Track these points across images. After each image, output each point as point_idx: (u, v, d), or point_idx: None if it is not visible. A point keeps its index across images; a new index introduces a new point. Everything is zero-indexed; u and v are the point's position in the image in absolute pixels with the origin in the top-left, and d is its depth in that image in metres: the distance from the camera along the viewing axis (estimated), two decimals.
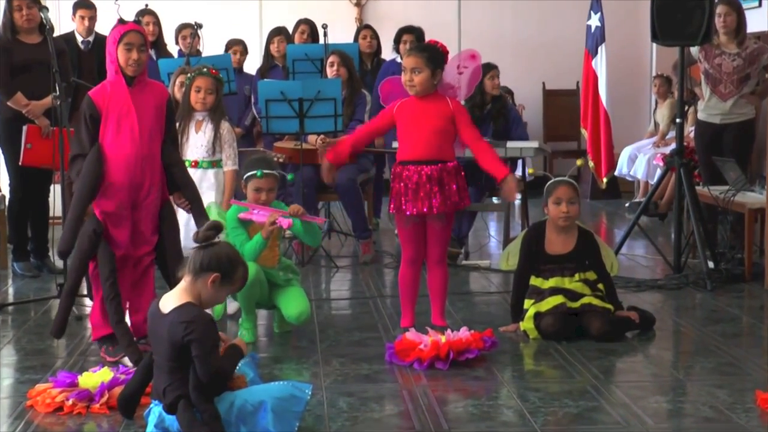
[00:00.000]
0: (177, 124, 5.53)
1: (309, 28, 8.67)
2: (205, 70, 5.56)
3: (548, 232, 5.13)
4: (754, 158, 7.41)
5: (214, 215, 5.15)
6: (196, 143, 5.56)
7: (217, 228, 3.68)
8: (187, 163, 5.51)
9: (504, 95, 7.45)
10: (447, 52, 4.95)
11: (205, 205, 5.39)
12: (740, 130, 7.02)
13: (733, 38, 6.92)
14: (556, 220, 5.08)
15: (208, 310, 3.72)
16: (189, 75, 5.58)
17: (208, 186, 5.55)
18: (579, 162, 5.36)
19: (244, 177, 5.12)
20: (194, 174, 5.53)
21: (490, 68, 7.08)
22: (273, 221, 4.94)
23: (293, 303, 5.02)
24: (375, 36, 8.55)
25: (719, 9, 6.86)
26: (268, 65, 8.42)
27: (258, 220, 4.99)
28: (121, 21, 4.78)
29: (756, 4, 8.79)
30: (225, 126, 5.64)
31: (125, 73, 4.62)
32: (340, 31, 9.18)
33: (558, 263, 5.07)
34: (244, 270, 3.74)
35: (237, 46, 8.53)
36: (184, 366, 3.53)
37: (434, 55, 4.86)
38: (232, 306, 5.42)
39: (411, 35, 7.94)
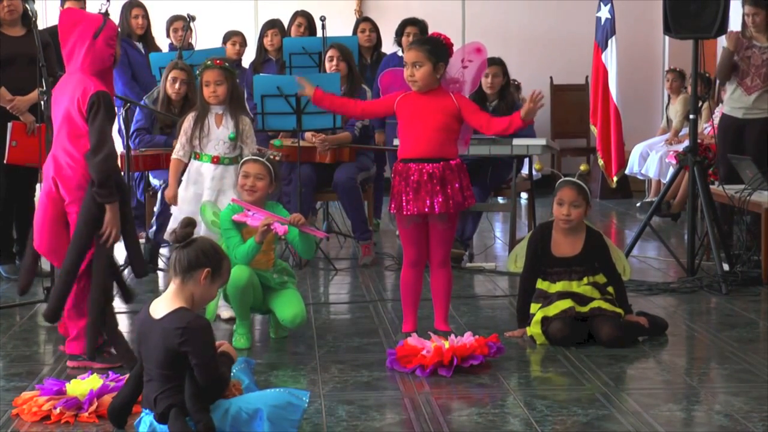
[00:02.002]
0: (192, 119, 5.61)
1: (306, 20, 8.67)
2: (209, 62, 5.61)
3: (555, 234, 5.13)
4: None
5: (209, 215, 5.16)
6: (217, 138, 5.61)
7: (194, 224, 3.69)
8: (207, 159, 5.60)
9: (511, 92, 7.41)
10: (451, 45, 4.94)
11: (200, 204, 5.42)
12: (763, 127, 7.03)
13: (764, 32, 6.96)
14: (557, 221, 5.09)
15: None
16: (198, 72, 5.65)
17: (230, 183, 5.57)
18: (583, 167, 5.31)
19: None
20: (215, 170, 5.60)
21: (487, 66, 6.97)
22: (267, 225, 4.94)
23: (288, 306, 5.02)
24: (374, 29, 8.54)
25: (746, 9, 6.96)
26: (262, 59, 8.41)
27: (253, 224, 4.98)
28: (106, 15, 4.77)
29: None
30: (246, 121, 5.71)
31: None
32: (339, 24, 9.18)
33: (565, 266, 5.08)
34: (228, 262, 3.77)
35: (236, 37, 8.51)
36: (177, 374, 3.54)
37: (436, 48, 4.86)
38: (226, 311, 5.42)
39: (415, 27, 7.93)
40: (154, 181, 7.08)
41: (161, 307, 3.62)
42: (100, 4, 5.12)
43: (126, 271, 5.50)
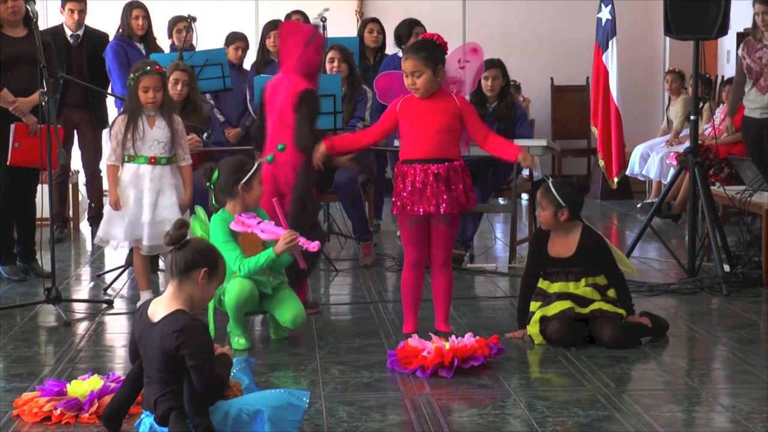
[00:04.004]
0: (123, 122, 5.57)
1: (303, 17, 8.68)
2: (148, 68, 5.54)
3: (552, 234, 5.13)
4: None
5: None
6: (152, 139, 5.56)
7: (187, 225, 3.68)
8: (143, 160, 5.56)
9: (511, 93, 7.40)
10: (445, 44, 4.92)
11: (142, 206, 5.44)
12: None
13: None
14: None
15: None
16: (132, 76, 5.56)
17: (168, 184, 5.58)
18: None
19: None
20: (153, 171, 5.56)
21: (485, 68, 6.96)
22: (293, 240, 4.82)
23: (287, 308, 5.00)
24: (382, 30, 8.54)
25: (756, 8, 7.05)
26: (264, 60, 8.40)
27: (266, 237, 4.88)
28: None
29: None
30: (178, 120, 5.68)
31: None
32: (340, 25, 9.18)
33: (562, 266, 5.06)
34: (224, 261, 3.77)
35: (239, 42, 8.47)
36: (177, 377, 3.53)
37: (432, 53, 4.83)
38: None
39: (421, 28, 7.94)
40: None
41: (159, 309, 3.61)
42: (313, 17, 5.97)
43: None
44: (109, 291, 6.31)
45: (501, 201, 8.74)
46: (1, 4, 6.35)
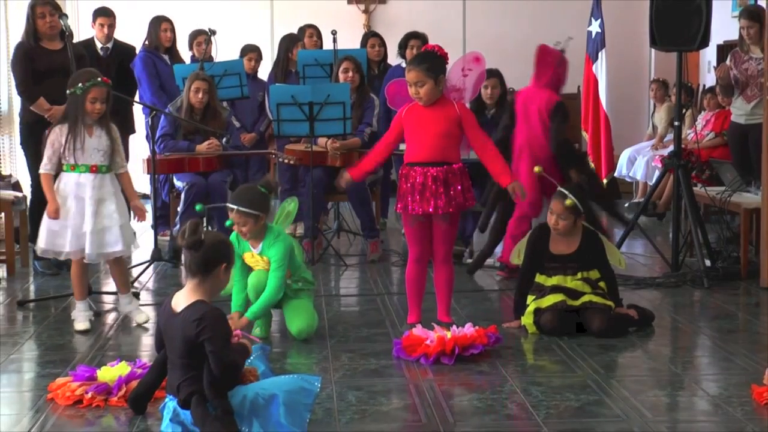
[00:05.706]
0: (65, 130, 5.17)
1: (316, 31, 8.71)
2: (99, 79, 5.18)
3: (553, 233, 5.12)
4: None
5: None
6: (92, 148, 5.19)
7: (201, 231, 3.66)
8: (84, 169, 5.18)
9: (508, 101, 7.38)
10: (445, 54, 4.92)
11: (85, 215, 5.14)
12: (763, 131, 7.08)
13: (758, 44, 7.01)
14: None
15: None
16: (80, 86, 5.13)
17: (109, 192, 5.23)
18: (536, 169, 5.31)
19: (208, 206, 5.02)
20: (94, 180, 5.19)
21: (486, 77, 6.93)
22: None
23: (297, 318, 4.95)
24: (383, 43, 8.54)
25: (741, 23, 7.07)
26: (285, 72, 8.37)
27: None
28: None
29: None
30: (115, 129, 5.36)
31: None
32: (349, 38, 9.17)
33: (562, 262, 5.07)
34: (233, 249, 3.82)
35: (252, 53, 8.46)
36: (198, 363, 3.55)
37: (433, 64, 4.82)
38: (80, 324, 5.18)
39: (417, 40, 7.93)
40: (178, 183, 7.08)
41: (181, 300, 3.64)
42: (555, 42, 6.40)
43: None
44: (136, 284, 6.32)
45: None
46: (40, 20, 6.40)
